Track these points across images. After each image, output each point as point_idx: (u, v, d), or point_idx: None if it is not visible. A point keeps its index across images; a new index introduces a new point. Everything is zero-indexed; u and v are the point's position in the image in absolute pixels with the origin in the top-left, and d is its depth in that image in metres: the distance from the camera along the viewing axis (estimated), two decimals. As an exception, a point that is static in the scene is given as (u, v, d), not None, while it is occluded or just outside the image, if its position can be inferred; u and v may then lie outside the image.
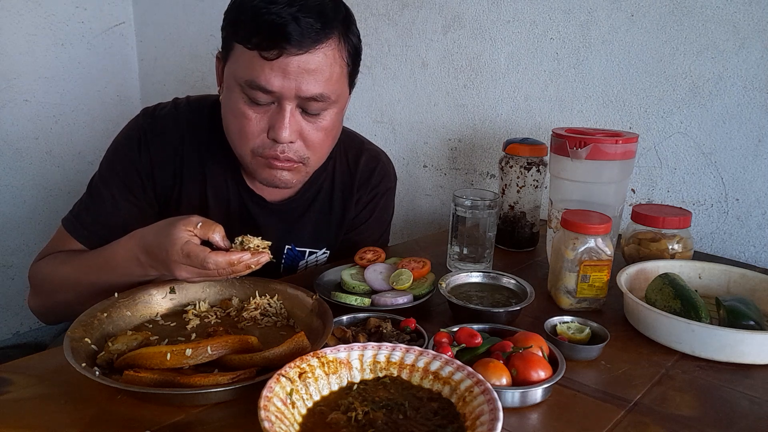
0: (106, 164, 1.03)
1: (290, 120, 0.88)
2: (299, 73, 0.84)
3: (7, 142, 2.13)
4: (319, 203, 1.10)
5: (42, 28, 2.13)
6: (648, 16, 1.25)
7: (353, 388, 0.63)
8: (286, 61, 0.83)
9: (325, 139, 0.94)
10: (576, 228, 0.88)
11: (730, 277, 0.96)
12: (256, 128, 0.89)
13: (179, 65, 2.29)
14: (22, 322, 2.28)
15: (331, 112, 0.92)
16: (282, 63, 0.83)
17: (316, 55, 0.85)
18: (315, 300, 0.84)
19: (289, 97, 0.86)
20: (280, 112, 0.87)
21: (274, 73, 0.84)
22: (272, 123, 0.88)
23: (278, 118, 0.87)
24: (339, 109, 0.94)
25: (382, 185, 1.16)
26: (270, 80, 0.84)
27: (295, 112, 0.89)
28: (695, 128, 1.23)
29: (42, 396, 0.67)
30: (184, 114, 1.03)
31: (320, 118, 0.91)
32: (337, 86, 0.90)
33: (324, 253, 1.15)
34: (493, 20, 1.47)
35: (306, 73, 0.85)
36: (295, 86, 0.85)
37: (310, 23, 0.83)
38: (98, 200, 1.01)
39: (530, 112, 1.46)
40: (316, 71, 0.85)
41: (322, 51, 0.85)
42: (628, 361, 0.78)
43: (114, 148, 1.04)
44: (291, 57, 0.83)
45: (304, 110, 0.89)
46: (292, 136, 0.89)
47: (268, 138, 0.90)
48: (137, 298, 0.85)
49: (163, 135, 1.01)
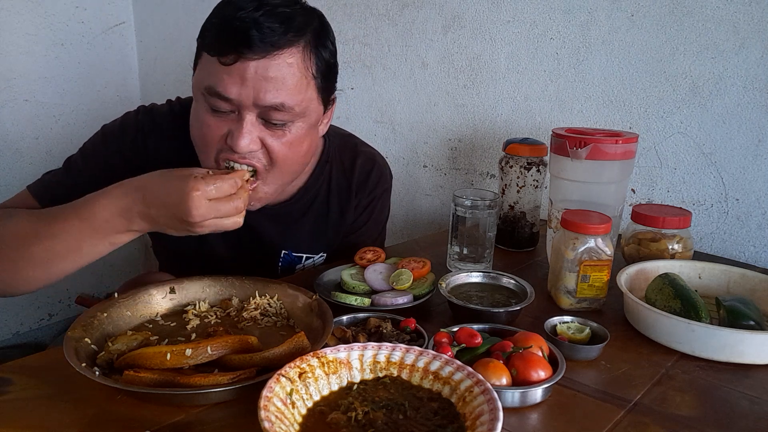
0: (91, 146, 1.00)
1: (250, 129, 0.84)
2: (257, 79, 0.81)
3: (7, 142, 2.13)
4: (315, 208, 1.09)
5: (42, 28, 2.13)
6: (648, 16, 1.25)
7: (353, 388, 0.63)
8: (244, 66, 0.80)
9: (289, 154, 0.89)
10: (576, 228, 0.88)
11: (730, 277, 0.96)
12: (215, 135, 0.86)
13: (179, 65, 2.29)
14: (22, 322, 2.28)
15: (298, 126, 0.88)
16: (240, 68, 0.80)
17: (275, 60, 0.81)
18: (315, 300, 0.84)
19: (247, 106, 0.83)
20: (239, 121, 0.84)
21: (231, 79, 0.81)
22: (231, 130, 0.85)
23: (237, 126, 0.84)
24: (308, 124, 0.90)
25: (379, 188, 1.15)
26: (227, 87, 0.81)
27: (256, 122, 0.85)
28: (695, 128, 1.23)
29: (42, 396, 0.67)
30: (179, 117, 1.01)
31: (285, 130, 0.87)
32: (302, 98, 0.86)
33: (321, 257, 1.14)
34: (493, 20, 1.47)
35: (264, 80, 0.81)
36: (253, 94, 0.82)
37: (272, 28, 0.80)
38: (75, 175, 0.97)
39: (530, 112, 1.46)
40: (275, 79, 0.82)
41: (283, 58, 0.82)
42: (628, 361, 0.78)
43: (103, 133, 1.01)
44: (248, 62, 0.80)
45: (266, 120, 0.85)
46: (251, 145, 0.85)
47: (227, 145, 0.86)
48: (137, 298, 0.85)
49: (157, 135, 1.00)
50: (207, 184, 0.77)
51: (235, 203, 0.80)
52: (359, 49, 1.72)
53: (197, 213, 0.77)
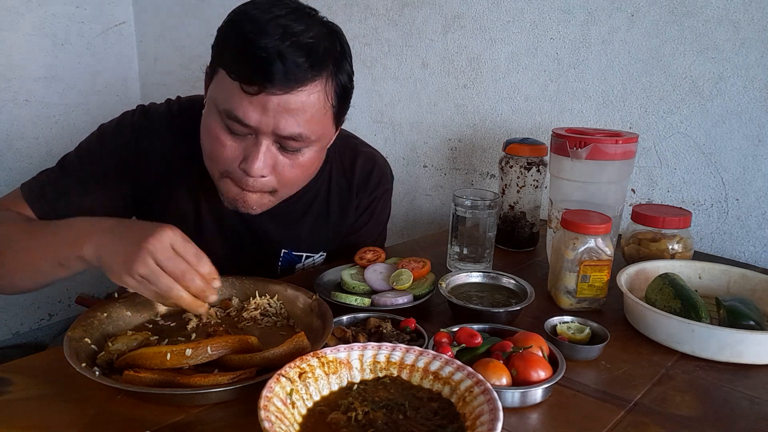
0: (87, 146, 1.00)
1: (265, 154, 0.85)
2: (278, 111, 0.81)
3: (7, 142, 2.13)
4: (315, 208, 1.09)
5: (42, 28, 2.13)
6: (648, 16, 1.25)
7: (353, 388, 0.63)
8: (266, 98, 0.80)
9: (300, 175, 0.91)
10: (576, 228, 0.88)
11: (730, 277, 0.96)
12: (229, 155, 0.86)
13: (179, 65, 2.29)
14: (22, 322, 2.28)
15: (311, 150, 0.89)
16: (262, 99, 0.81)
17: (298, 96, 0.81)
18: (315, 300, 0.84)
19: (266, 133, 0.84)
20: (255, 146, 0.85)
21: (252, 108, 0.81)
22: (246, 154, 0.85)
23: (253, 151, 0.85)
24: (320, 147, 0.92)
25: (379, 188, 1.15)
26: (248, 114, 0.82)
27: (272, 147, 0.86)
28: (695, 128, 1.23)
29: (42, 396, 0.67)
30: (177, 117, 1.01)
31: (299, 154, 0.88)
32: (319, 126, 0.87)
33: (321, 256, 1.14)
34: (493, 20, 1.47)
35: (285, 112, 0.82)
36: (273, 123, 0.82)
37: (297, 63, 0.79)
38: (68, 177, 0.97)
39: (530, 112, 1.46)
40: (296, 111, 0.82)
41: (306, 92, 0.82)
42: (628, 361, 0.78)
43: (100, 133, 1.01)
44: (271, 96, 0.80)
45: (282, 146, 0.86)
46: (265, 170, 0.86)
47: (239, 168, 0.87)
48: (137, 298, 0.85)
49: (155, 135, 0.99)
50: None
51: (174, 287, 0.73)
52: (359, 49, 1.72)
53: (140, 260, 0.71)
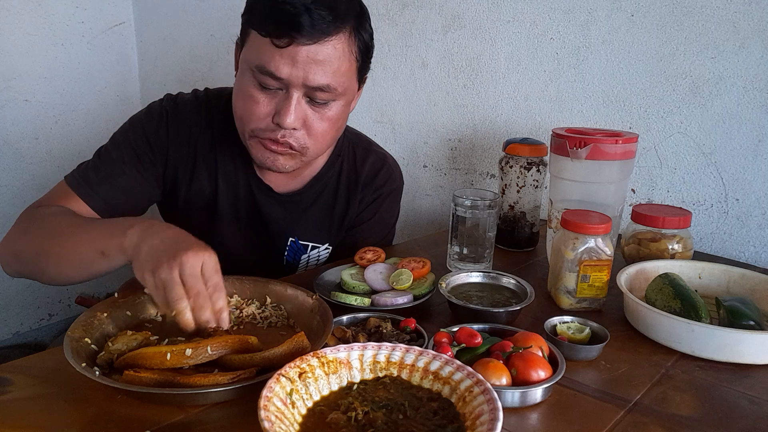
0: (120, 134, 1.05)
1: (296, 107, 0.90)
2: (308, 62, 0.87)
3: (7, 142, 2.13)
4: (323, 198, 1.12)
5: (42, 28, 2.14)
6: (648, 16, 1.25)
7: (353, 388, 0.63)
8: (296, 50, 0.86)
9: (328, 130, 0.96)
10: (576, 228, 0.88)
11: (730, 277, 0.96)
12: (262, 111, 0.92)
13: (179, 65, 2.29)
14: (22, 322, 2.28)
15: (338, 103, 0.94)
16: (292, 52, 0.86)
17: (325, 46, 0.87)
18: (315, 300, 0.84)
19: (296, 85, 0.89)
20: (287, 99, 0.90)
21: (283, 61, 0.87)
22: (279, 108, 0.91)
23: (285, 104, 0.90)
24: (346, 102, 0.96)
25: (386, 187, 1.17)
26: (279, 67, 0.87)
27: (302, 100, 0.91)
28: (695, 128, 1.23)
29: (42, 396, 0.67)
30: (203, 103, 1.07)
31: (326, 108, 0.93)
32: (345, 79, 0.92)
33: (326, 249, 1.16)
34: (493, 20, 1.47)
35: (314, 63, 0.87)
36: (303, 75, 0.88)
37: (322, 15, 0.85)
38: (107, 162, 1.02)
39: (530, 112, 1.46)
40: (324, 62, 0.88)
41: (332, 43, 0.88)
42: (628, 361, 0.78)
43: (131, 121, 1.06)
44: (300, 47, 0.86)
45: (311, 99, 0.92)
46: (297, 122, 0.92)
47: (273, 122, 0.92)
48: (137, 298, 0.85)
49: (182, 119, 1.05)
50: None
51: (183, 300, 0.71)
52: (359, 49, 1.72)
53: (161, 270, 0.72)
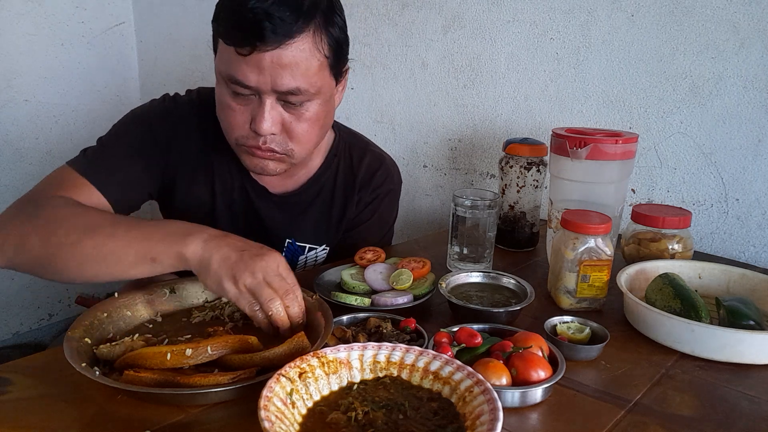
0: (120, 124, 1.03)
1: (270, 112, 0.89)
2: (273, 67, 0.85)
3: (7, 142, 2.13)
4: (320, 199, 1.12)
5: (42, 28, 2.13)
6: (648, 16, 1.25)
7: (353, 388, 0.63)
8: (260, 56, 0.84)
9: (309, 130, 0.94)
10: (576, 228, 0.88)
11: (730, 277, 0.96)
12: (240, 119, 0.92)
13: (179, 65, 2.29)
14: (22, 322, 2.28)
15: (314, 103, 0.93)
16: (256, 59, 0.85)
17: (288, 49, 0.85)
18: (315, 300, 0.84)
19: (266, 91, 0.88)
20: (260, 105, 0.89)
21: (249, 69, 0.86)
22: (254, 115, 0.90)
23: (259, 111, 0.89)
24: (323, 100, 0.94)
25: (383, 187, 1.16)
26: (247, 75, 0.86)
27: (276, 105, 0.90)
28: (695, 128, 1.23)
29: (42, 396, 0.67)
30: (197, 104, 1.06)
31: (303, 109, 0.92)
32: (316, 78, 0.90)
33: (324, 250, 1.15)
34: (493, 20, 1.47)
35: (280, 67, 0.86)
36: (270, 80, 0.86)
37: (284, 18, 0.83)
38: (111, 149, 0.99)
39: (530, 112, 1.46)
40: (290, 65, 0.86)
41: (296, 45, 0.86)
42: (628, 361, 0.78)
43: (132, 114, 1.04)
44: (264, 53, 0.84)
45: (286, 102, 0.90)
46: (273, 128, 0.91)
47: (251, 129, 0.92)
48: (137, 298, 0.85)
49: (183, 120, 1.04)
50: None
51: (276, 299, 0.76)
52: (359, 49, 1.72)
53: (272, 259, 0.78)
